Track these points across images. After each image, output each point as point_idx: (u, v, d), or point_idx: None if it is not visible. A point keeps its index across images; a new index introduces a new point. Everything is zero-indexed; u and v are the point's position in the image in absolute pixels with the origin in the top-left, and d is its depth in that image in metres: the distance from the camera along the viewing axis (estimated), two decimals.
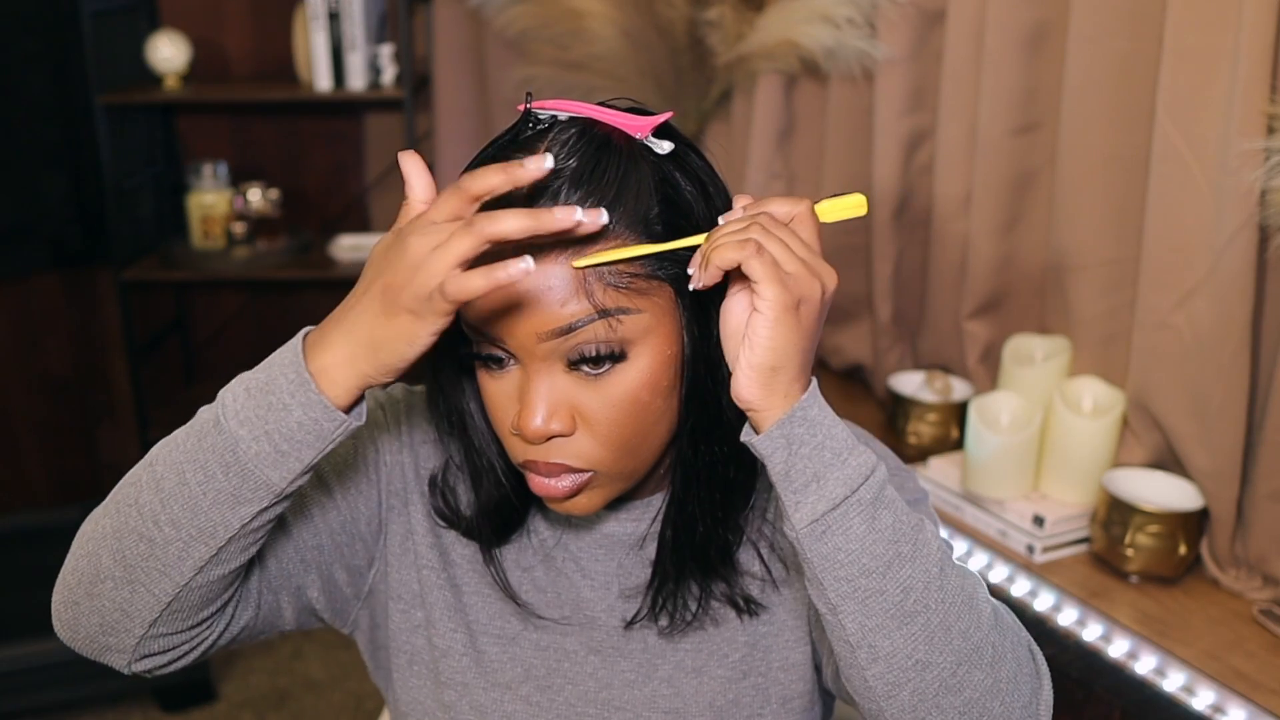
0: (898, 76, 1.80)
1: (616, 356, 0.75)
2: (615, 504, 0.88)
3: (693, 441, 0.80)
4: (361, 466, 0.89)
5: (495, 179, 0.66)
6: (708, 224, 0.77)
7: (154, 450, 0.74)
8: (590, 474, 0.78)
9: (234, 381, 0.72)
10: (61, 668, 2.22)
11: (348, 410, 0.71)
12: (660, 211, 0.75)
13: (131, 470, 0.75)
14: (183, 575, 0.73)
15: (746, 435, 0.73)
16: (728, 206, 0.81)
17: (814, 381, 0.73)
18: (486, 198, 0.67)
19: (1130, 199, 1.50)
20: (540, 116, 0.77)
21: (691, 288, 0.73)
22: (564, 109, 0.77)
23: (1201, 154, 1.35)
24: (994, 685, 0.72)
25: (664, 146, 0.77)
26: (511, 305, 0.73)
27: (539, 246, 0.72)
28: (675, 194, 0.76)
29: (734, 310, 0.73)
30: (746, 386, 0.71)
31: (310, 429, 0.70)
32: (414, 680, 0.91)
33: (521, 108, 0.78)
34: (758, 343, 0.70)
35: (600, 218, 0.68)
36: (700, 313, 0.77)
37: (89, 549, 0.75)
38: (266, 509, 0.72)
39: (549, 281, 0.72)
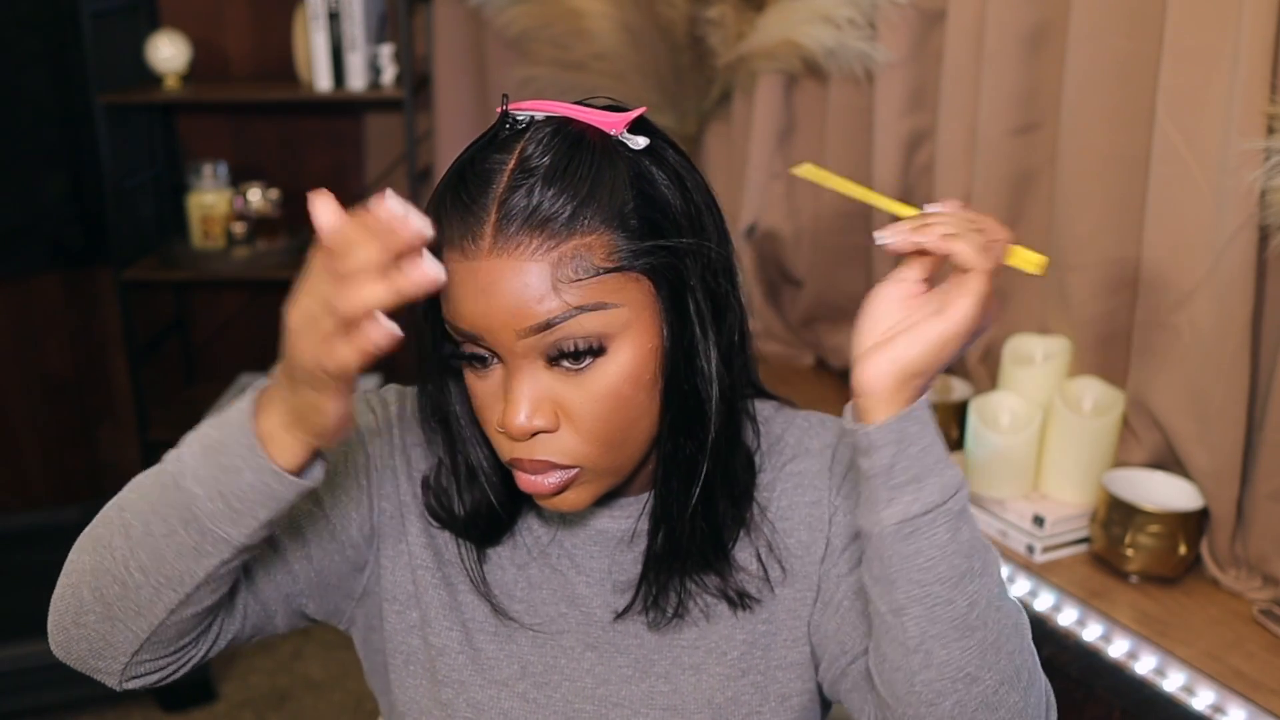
0: (898, 76, 1.80)
1: (596, 351, 0.75)
2: (606, 500, 0.89)
3: (672, 435, 0.81)
4: (351, 473, 0.89)
5: (329, 222, 0.64)
6: (685, 218, 0.78)
7: (126, 492, 0.76)
8: (576, 470, 0.79)
9: (194, 434, 0.73)
10: (61, 668, 2.19)
11: (300, 471, 0.71)
12: (635, 206, 0.75)
13: (107, 506, 0.76)
14: (156, 616, 0.74)
15: (848, 421, 0.74)
16: (707, 200, 0.81)
17: (927, 391, 0.74)
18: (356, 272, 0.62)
19: (1130, 199, 1.50)
20: (518, 117, 0.78)
21: (880, 241, 0.74)
22: (541, 109, 0.78)
23: (1201, 154, 1.35)
24: (1024, 708, 0.74)
25: (639, 142, 0.78)
26: (489, 302, 0.73)
27: (514, 244, 0.72)
28: (651, 188, 0.77)
29: (889, 301, 0.74)
30: (881, 377, 0.71)
31: (262, 490, 0.70)
32: (411, 680, 0.91)
33: (499, 109, 0.78)
34: (922, 346, 0.71)
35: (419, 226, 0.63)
36: (679, 306, 0.78)
37: (72, 581, 0.76)
38: (229, 560, 0.73)
39: (525, 279, 0.73)
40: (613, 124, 0.77)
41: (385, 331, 0.62)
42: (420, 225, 0.62)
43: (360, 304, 0.61)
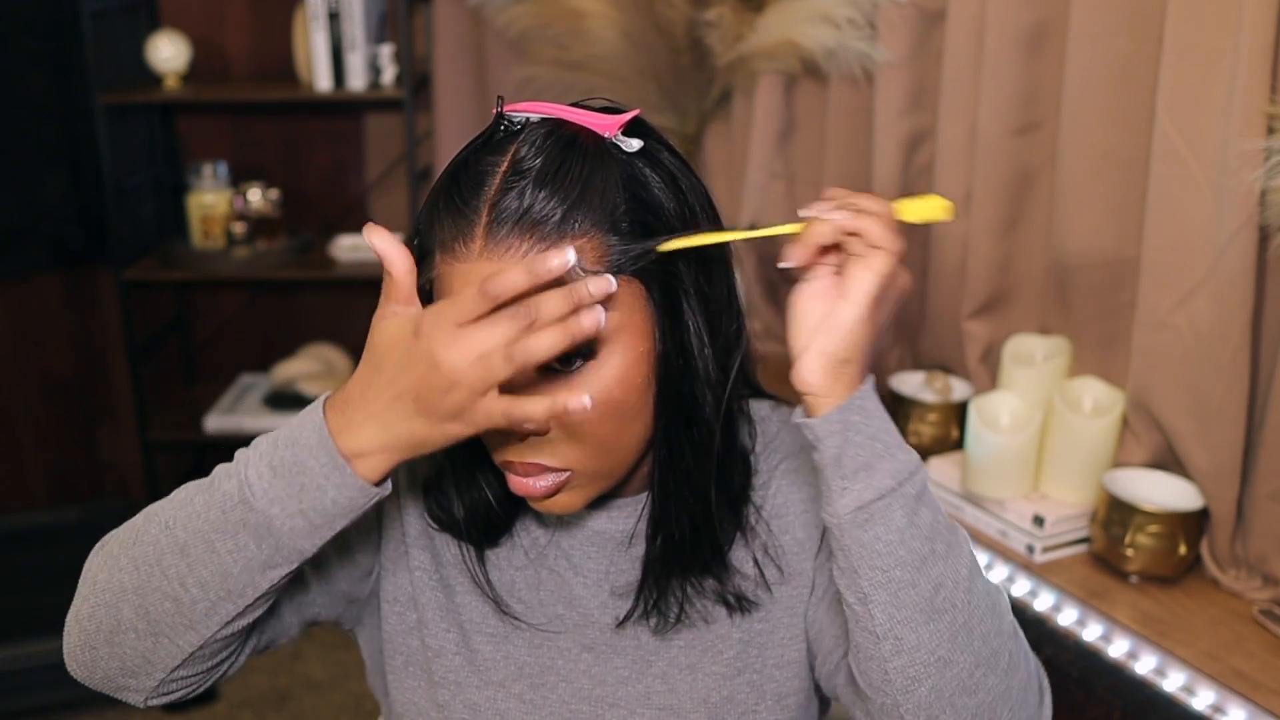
0: (898, 76, 1.80)
1: (586, 354, 0.75)
2: (603, 501, 0.89)
3: (668, 439, 0.81)
4: None
5: (519, 279, 0.67)
6: (679, 220, 0.78)
7: (168, 511, 0.75)
8: (568, 473, 0.79)
9: (254, 453, 0.73)
10: (61, 668, 2.22)
11: (378, 483, 0.73)
12: (627, 209, 0.75)
13: (144, 524, 0.76)
14: (209, 629, 0.75)
15: (799, 417, 0.74)
16: (702, 201, 0.81)
17: (870, 375, 0.74)
18: (509, 298, 0.67)
19: (1130, 199, 1.50)
20: (513, 119, 0.78)
21: (782, 265, 0.73)
22: (536, 110, 0.78)
23: (1201, 154, 1.35)
24: (1006, 692, 0.74)
25: (632, 144, 0.78)
26: None
27: (504, 246, 0.73)
28: (644, 191, 0.77)
29: (808, 299, 0.74)
30: (814, 373, 0.72)
31: (345, 505, 0.72)
32: (408, 681, 0.91)
33: (494, 111, 0.78)
34: (837, 332, 0.71)
35: (567, 256, 0.69)
36: (672, 309, 0.78)
37: (106, 599, 0.76)
38: (294, 571, 0.75)
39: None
40: (606, 126, 0.77)
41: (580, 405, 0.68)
42: (565, 255, 0.68)
43: (545, 353, 0.67)
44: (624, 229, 0.75)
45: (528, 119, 0.77)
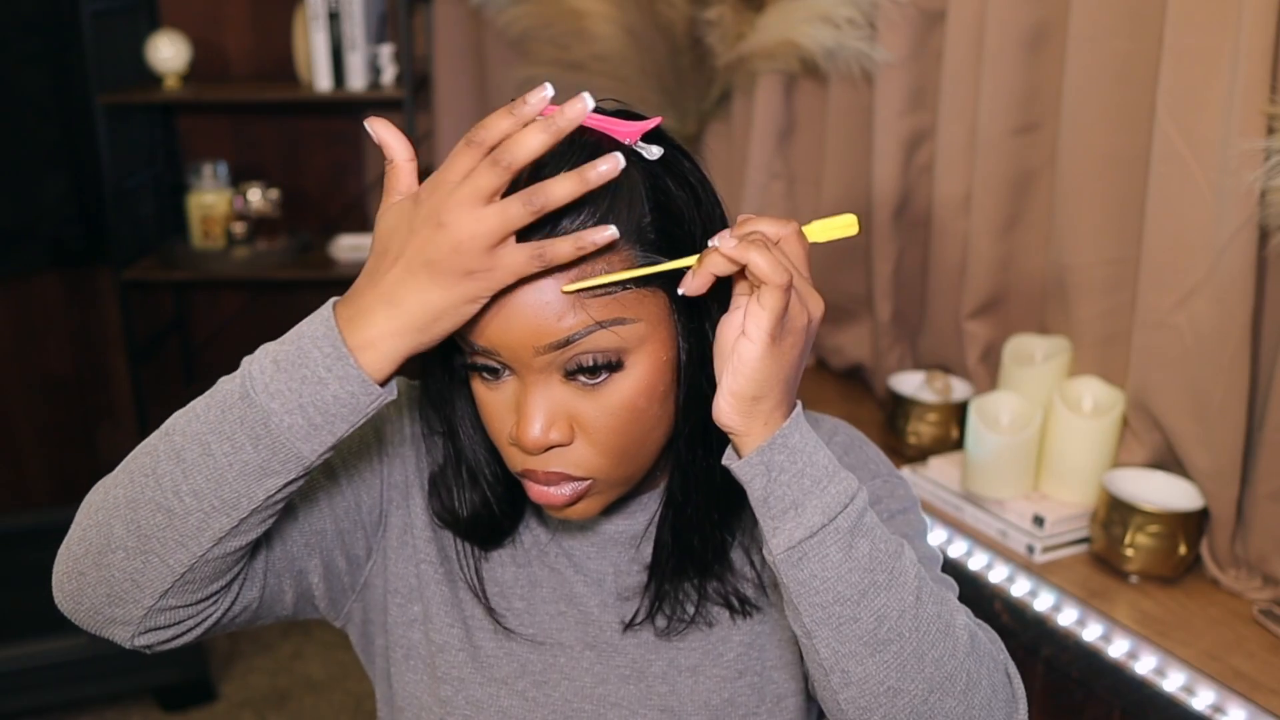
0: (898, 76, 1.80)
1: (614, 366, 0.75)
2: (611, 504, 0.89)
3: (690, 446, 0.81)
4: (367, 455, 0.88)
5: (504, 123, 0.66)
6: (700, 229, 0.77)
7: (171, 421, 0.73)
8: (589, 481, 0.79)
9: (259, 353, 0.71)
10: (61, 668, 2.22)
11: (383, 384, 0.71)
12: (654, 219, 0.75)
13: (145, 441, 0.74)
14: (200, 546, 0.72)
15: (729, 459, 0.73)
16: (718, 210, 0.81)
17: (798, 406, 0.73)
18: (497, 144, 0.66)
19: (1130, 199, 1.50)
20: None
21: (680, 291, 0.72)
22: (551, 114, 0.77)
23: (1201, 154, 1.35)
24: (966, 712, 0.73)
25: (654, 152, 0.77)
26: (508, 318, 0.72)
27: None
28: (667, 200, 0.76)
29: (727, 329, 0.72)
30: (727, 412, 0.71)
31: (346, 402, 0.69)
32: (410, 675, 0.91)
33: None
34: (742, 370, 0.69)
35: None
36: (694, 318, 0.77)
37: (98, 519, 0.73)
38: (293, 481, 0.72)
39: (545, 295, 0.72)
40: (628, 134, 0.76)
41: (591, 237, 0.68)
42: (543, 92, 0.68)
43: (527, 152, 0.65)
44: (650, 240, 0.74)
45: None
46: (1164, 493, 1.45)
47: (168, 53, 2.65)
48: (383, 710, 0.96)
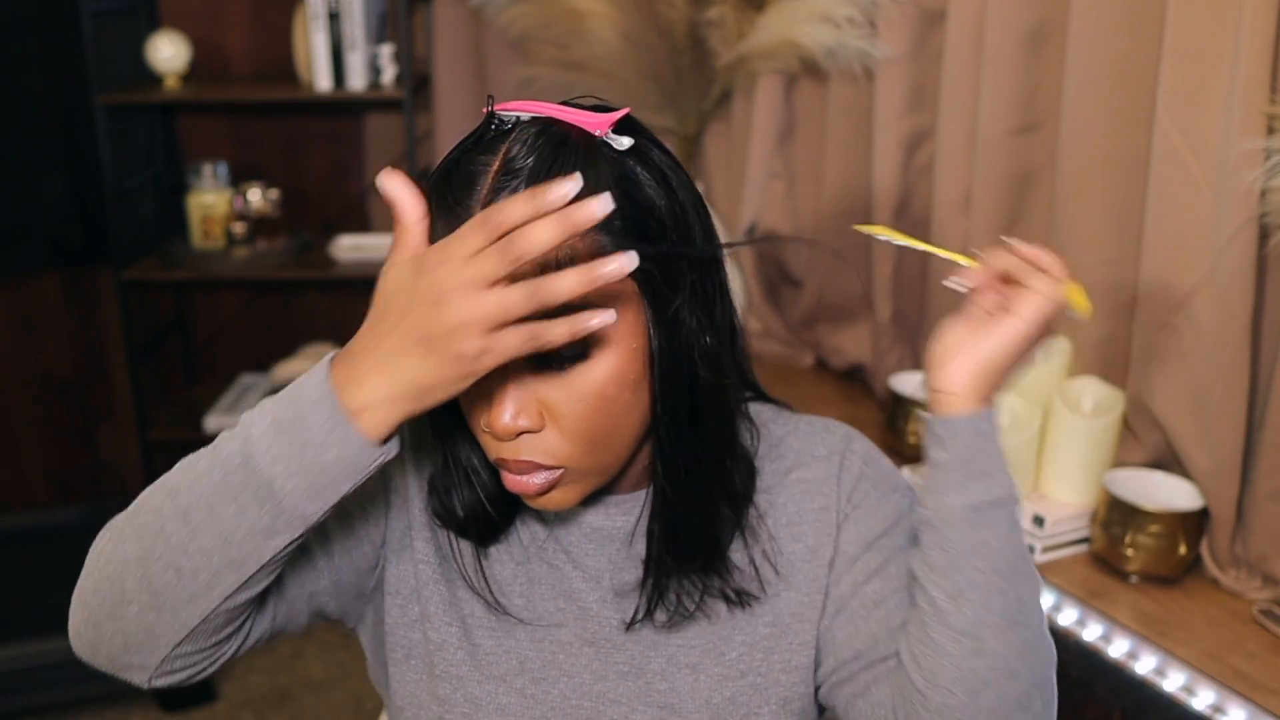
0: (898, 76, 1.80)
1: (581, 353, 0.76)
2: (600, 497, 0.89)
3: (673, 430, 0.81)
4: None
5: (521, 210, 0.65)
6: (670, 217, 0.78)
7: (173, 478, 0.74)
8: (561, 470, 0.79)
9: (257, 413, 0.72)
10: (61, 668, 2.22)
11: (384, 441, 0.71)
12: (619, 207, 0.74)
13: (149, 494, 0.75)
14: (211, 602, 0.74)
15: (933, 419, 0.78)
16: (692, 198, 0.81)
17: (998, 403, 0.80)
18: (512, 229, 0.66)
19: (1130, 199, 1.50)
20: (504, 118, 0.77)
21: (948, 283, 0.80)
22: (526, 109, 0.78)
23: (1201, 154, 1.35)
24: (1044, 714, 0.80)
25: (623, 142, 0.78)
26: None
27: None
28: (635, 189, 0.77)
29: (957, 324, 0.79)
30: (963, 370, 0.77)
31: (349, 464, 0.70)
32: (410, 674, 0.91)
33: (485, 110, 0.78)
34: (998, 341, 0.76)
35: (568, 187, 0.66)
36: (664, 305, 0.78)
37: (111, 572, 0.75)
38: (298, 538, 0.73)
39: None
40: (597, 124, 0.77)
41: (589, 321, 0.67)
42: (570, 183, 0.66)
43: (538, 245, 0.64)
44: (616, 228, 0.75)
45: (518, 118, 0.77)
46: (1164, 493, 1.45)
47: (168, 53, 2.65)
48: (388, 714, 0.97)
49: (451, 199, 0.75)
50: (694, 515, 0.84)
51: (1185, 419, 1.42)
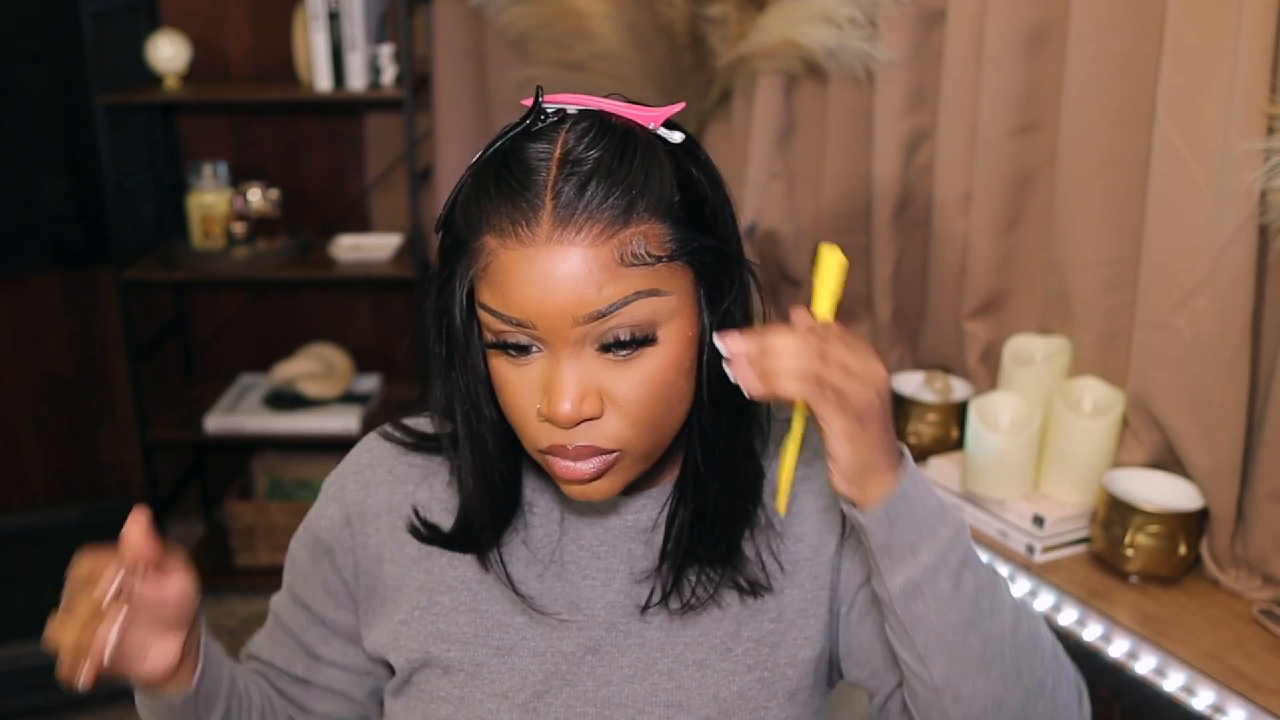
0: (898, 76, 1.80)
1: (647, 340, 0.77)
2: (616, 500, 0.89)
3: (711, 422, 0.83)
4: (323, 581, 0.96)
5: (98, 572, 0.79)
6: (719, 209, 0.81)
7: None
8: (617, 454, 0.79)
9: None
10: None
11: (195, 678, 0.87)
12: (682, 198, 0.78)
13: None
14: None
15: (847, 508, 0.77)
16: (727, 194, 0.84)
17: (905, 453, 0.77)
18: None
19: (1130, 199, 1.50)
20: (548, 110, 0.79)
21: (741, 385, 0.73)
22: (571, 103, 0.79)
23: (1201, 154, 1.35)
24: (1053, 711, 0.80)
25: (675, 137, 0.80)
26: (548, 289, 0.74)
27: (573, 230, 0.74)
28: (690, 182, 0.79)
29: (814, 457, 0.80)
30: (844, 488, 0.75)
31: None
32: (412, 702, 0.92)
33: (529, 101, 0.79)
34: (841, 460, 0.73)
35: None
36: (714, 295, 0.80)
37: None
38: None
39: (586, 266, 0.74)
40: (651, 118, 0.80)
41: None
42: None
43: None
44: (680, 217, 0.77)
45: (563, 110, 0.79)
46: (1164, 493, 1.45)
47: (168, 53, 2.65)
48: None
49: (515, 184, 0.76)
50: (721, 504, 0.85)
51: (1185, 419, 1.42)
